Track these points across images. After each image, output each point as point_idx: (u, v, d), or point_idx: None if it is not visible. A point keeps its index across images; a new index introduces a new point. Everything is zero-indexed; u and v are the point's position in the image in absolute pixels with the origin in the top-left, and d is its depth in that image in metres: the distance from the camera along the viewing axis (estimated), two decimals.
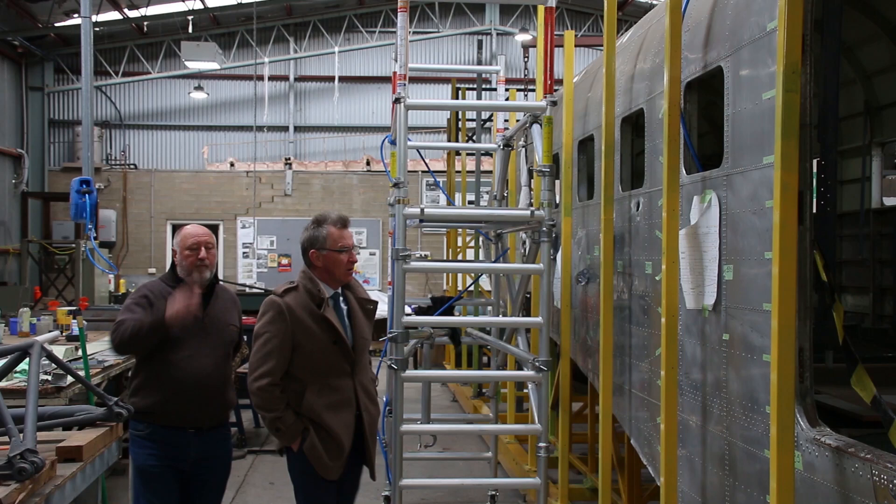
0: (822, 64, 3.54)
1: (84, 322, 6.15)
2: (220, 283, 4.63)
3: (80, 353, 5.84)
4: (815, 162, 3.46)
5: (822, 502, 3.05)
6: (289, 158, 21.30)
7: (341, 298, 4.34)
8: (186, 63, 20.20)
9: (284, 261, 20.64)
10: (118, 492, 6.98)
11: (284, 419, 4.08)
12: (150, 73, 21.93)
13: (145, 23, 21.01)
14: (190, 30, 20.99)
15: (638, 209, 5.24)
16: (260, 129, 20.88)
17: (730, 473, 3.81)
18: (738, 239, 3.76)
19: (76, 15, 17.14)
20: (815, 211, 3.41)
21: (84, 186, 11.94)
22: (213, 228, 20.71)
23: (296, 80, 22.68)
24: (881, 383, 3.31)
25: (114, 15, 20.42)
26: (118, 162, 21.70)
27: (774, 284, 2.99)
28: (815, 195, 3.85)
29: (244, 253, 20.87)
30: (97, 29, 18.37)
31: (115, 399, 4.28)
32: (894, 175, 10.64)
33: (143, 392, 4.33)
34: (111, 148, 22.08)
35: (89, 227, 11.99)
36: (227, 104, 22.57)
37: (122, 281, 17.02)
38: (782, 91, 2.98)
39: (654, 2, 17.40)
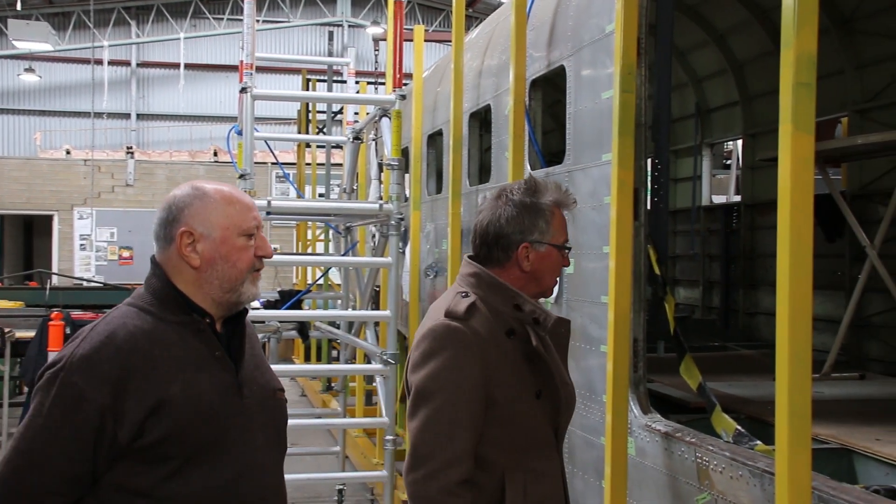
0: (656, 67, 3.70)
1: None
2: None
3: None
4: (649, 160, 3.62)
5: (652, 485, 3.20)
6: (131, 147, 20.32)
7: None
8: (15, 43, 18.91)
9: (126, 253, 19.65)
10: None
11: None
12: None
13: None
14: (18, 7, 19.64)
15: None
16: (98, 115, 19.83)
17: (569, 461, 3.93)
18: (579, 234, 3.88)
19: None
20: (649, 207, 3.56)
21: None
22: (48, 219, 19.47)
23: (138, 65, 21.71)
24: (707, 371, 3.50)
25: None
26: None
27: (611, 278, 3.11)
28: (649, 192, 4.02)
29: (81, 245, 19.73)
30: None
31: None
32: (723, 174, 11.37)
33: None
34: None
35: None
36: (63, 88, 21.31)
37: None
38: (619, 91, 3.10)
39: (502, 0, 17.75)
